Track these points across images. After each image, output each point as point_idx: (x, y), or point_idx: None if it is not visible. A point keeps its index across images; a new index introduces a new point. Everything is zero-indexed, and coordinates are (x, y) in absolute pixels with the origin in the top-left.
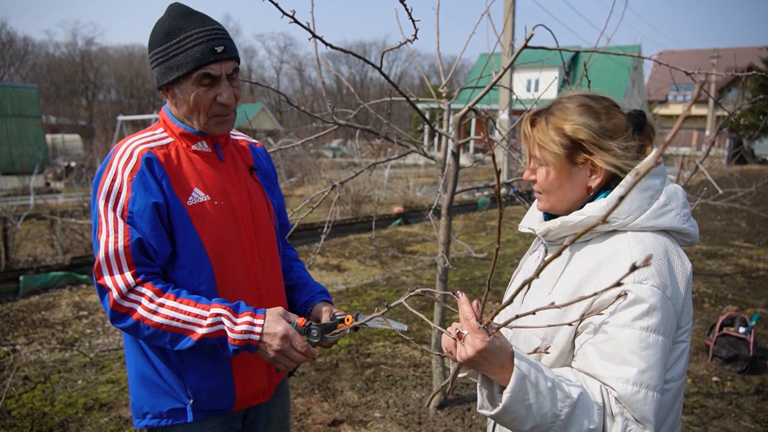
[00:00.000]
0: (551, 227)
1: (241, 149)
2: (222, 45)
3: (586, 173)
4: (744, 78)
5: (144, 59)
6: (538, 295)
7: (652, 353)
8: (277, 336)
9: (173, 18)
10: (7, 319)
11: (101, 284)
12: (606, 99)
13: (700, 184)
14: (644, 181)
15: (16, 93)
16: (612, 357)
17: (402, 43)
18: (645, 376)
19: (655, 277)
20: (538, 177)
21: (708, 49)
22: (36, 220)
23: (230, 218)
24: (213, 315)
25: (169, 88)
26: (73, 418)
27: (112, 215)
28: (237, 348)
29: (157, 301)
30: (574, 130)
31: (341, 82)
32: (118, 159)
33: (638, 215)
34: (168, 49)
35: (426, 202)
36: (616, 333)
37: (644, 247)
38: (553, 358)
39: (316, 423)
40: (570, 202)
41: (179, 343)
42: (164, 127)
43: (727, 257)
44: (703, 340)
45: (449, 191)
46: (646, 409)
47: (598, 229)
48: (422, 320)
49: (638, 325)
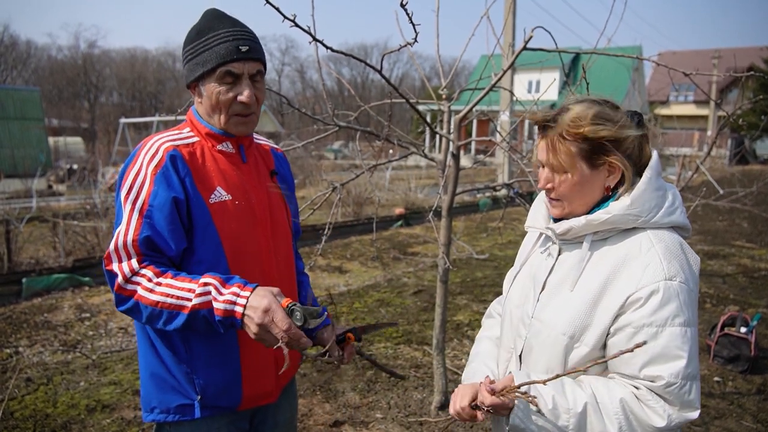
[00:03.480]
0: (574, 226)
1: (264, 153)
2: (247, 45)
3: (604, 174)
4: (744, 78)
5: (146, 62)
6: (558, 293)
7: (691, 346)
8: (259, 309)
9: (206, 20)
10: (10, 321)
11: (109, 270)
12: (608, 101)
13: (701, 184)
14: (656, 180)
15: (19, 96)
16: (658, 356)
17: (402, 47)
18: (689, 369)
19: (681, 273)
20: (558, 185)
21: (709, 50)
22: (38, 222)
23: (250, 218)
24: (202, 284)
25: (195, 86)
26: (75, 420)
27: (130, 207)
28: (221, 319)
29: (155, 281)
30: (594, 131)
31: (342, 84)
32: (144, 154)
33: (657, 212)
34: (196, 47)
35: (427, 203)
36: (657, 332)
37: (666, 244)
38: (582, 354)
39: (317, 424)
40: (590, 204)
41: (174, 321)
42: (191, 126)
43: (729, 257)
44: (705, 340)
45: (450, 192)
46: (692, 398)
47: (621, 226)
48: (424, 321)
49: (677, 321)
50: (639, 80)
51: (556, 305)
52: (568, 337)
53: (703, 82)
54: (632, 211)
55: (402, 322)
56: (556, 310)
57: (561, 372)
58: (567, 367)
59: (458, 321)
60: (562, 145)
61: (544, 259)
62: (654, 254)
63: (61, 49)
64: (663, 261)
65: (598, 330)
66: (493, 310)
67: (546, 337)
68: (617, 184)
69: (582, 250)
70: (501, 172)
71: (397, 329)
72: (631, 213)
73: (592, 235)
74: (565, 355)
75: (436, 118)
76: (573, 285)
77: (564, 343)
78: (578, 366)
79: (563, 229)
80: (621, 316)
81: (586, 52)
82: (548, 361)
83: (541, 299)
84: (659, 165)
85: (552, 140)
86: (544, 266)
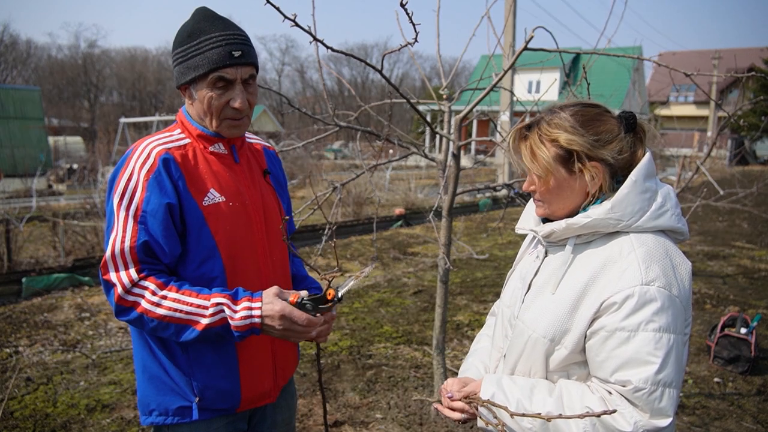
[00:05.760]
0: (555, 229)
1: (256, 152)
2: (240, 50)
3: (585, 179)
4: (744, 79)
5: (146, 62)
6: (540, 295)
7: (667, 352)
8: (275, 317)
9: (197, 20)
10: (10, 320)
11: (107, 280)
12: (597, 106)
13: (702, 185)
14: (643, 183)
15: (19, 95)
16: (628, 361)
17: (402, 47)
18: (661, 375)
19: (661, 277)
20: (538, 187)
21: (709, 50)
22: (38, 222)
23: (244, 219)
24: (214, 305)
25: (186, 88)
26: (75, 419)
27: (124, 214)
28: (242, 334)
29: (159, 294)
30: (568, 142)
31: (343, 84)
32: (136, 159)
33: (640, 216)
34: (188, 50)
35: (427, 203)
36: (629, 337)
37: (648, 248)
38: (562, 357)
39: (317, 424)
40: (571, 207)
41: (184, 334)
42: (182, 128)
43: (729, 258)
44: (705, 341)
45: (450, 193)
46: (662, 405)
47: (602, 230)
48: (424, 321)
49: (650, 327)
50: (639, 81)
51: (538, 307)
52: (548, 340)
53: (704, 83)
54: (613, 215)
55: (402, 322)
56: (538, 312)
57: (542, 373)
58: (548, 369)
59: (458, 321)
60: (539, 149)
61: (532, 260)
62: (633, 259)
63: (61, 48)
64: (641, 265)
65: (577, 334)
66: (495, 308)
67: (527, 339)
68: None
69: (565, 252)
70: (501, 173)
71: (397, 329)
72: (611, 217)
73: (575, 239)
74: (546, 357)
75: (437, 118)
76: (555, 287)
77: (545, 346)
78: (558, 367)
79: (546, 232)
80: (597, 320)
81: (586, 53)
82: (529, 363)
83: (525, 300)
84: (649, 167)
85: (531, 144)
86: (531, 268)
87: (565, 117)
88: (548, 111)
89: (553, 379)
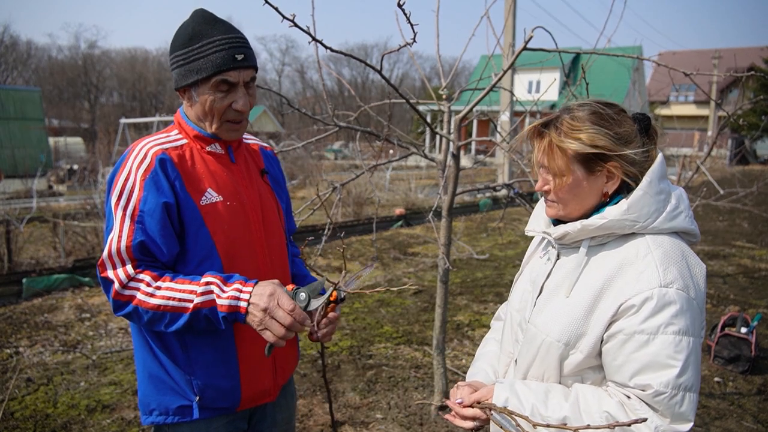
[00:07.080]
0: (569, 231)
1: (253, 152)
2: (242, 53)
3: (602, 180)
4: (744, 78)
5: (146, 62)
6: (553, 298)
7: (687, 355)
8: (264, 295)
9: (198, 23)
10: (10, 321)
11: (104, 277)
12: (615, 105)
13: (702, 184)
14: (657, 184)
15: (19, 96)
16: (648, 365)
17: (401, 47)
18: (682, 379)
19: (679, 280)
20: (554, 187)
21: (709, 50)
22: (39, 222)
23: (242, 219)
24: (204, 284)
25: (186, 90)
26: (75, 420)
27: (122, 214)
28: (225, 315)
29: (154, 285)
30: (591, 138)
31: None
32: (133, 159)
33: (656, 218)
34: (190, 53)
35: (427, 203)
36: (648, 340)
37: (665, 249)
38: (577, 361)
39: (318, 424)
40: (586, 208)
41: (177, 322)
42: (179, 129)
43: (729, 258)
44: (705, 341)
45: (450, 193)
46: (683, 410)
47: (617, 231)
48: (424, 321)
49: (670, 330)
50: (639, 80)
51: (551, 311)
52: (563, 344)
53: (704, 82)
54: (629, 217)
55: (402, 322)
56: (551, 315)
57: (555, 378)
58: (562, 374)
59: (458, 321)
60: (559, 147)
61: (543, 263)
62: (650, 260)
63: (61, 49)
64: (659, 267)
65: (593, 337)
66: (501, 312)
67: (541, 343)
68: (622, 188)
69: (579, 255)
70: (501, 173)
71: (397, 330)
72: (627, 218)
73: (589, 240)
74: (560, 361)
75: (437, 119)
76: (569, 290)
77: (559, 350)
78: (572, 372)
79: (559, 234)
80: (614, 323)
81: (586, 52)
82: (543, 367)
83: (537, 304)
84: (663, 168)
85: (550, 142)
86: (542, 270)
87: (585, 115)
88: (565, 109)
89: (567, 383)
